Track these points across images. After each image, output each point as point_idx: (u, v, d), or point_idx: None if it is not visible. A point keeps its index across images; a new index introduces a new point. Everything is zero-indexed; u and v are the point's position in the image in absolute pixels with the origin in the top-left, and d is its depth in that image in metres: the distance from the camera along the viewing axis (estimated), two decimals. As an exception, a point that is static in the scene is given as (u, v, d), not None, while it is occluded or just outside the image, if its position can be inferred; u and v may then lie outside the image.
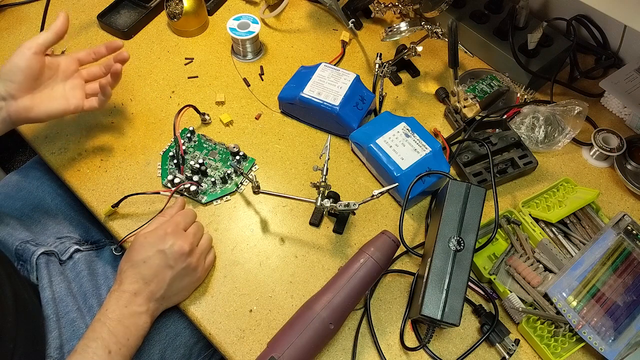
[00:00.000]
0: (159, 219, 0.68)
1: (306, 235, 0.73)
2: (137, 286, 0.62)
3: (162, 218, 0.68)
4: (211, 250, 0.70)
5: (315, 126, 0.84)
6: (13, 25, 0.96)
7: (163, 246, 0.63)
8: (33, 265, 0.73)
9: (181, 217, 0.68)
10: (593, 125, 0.84)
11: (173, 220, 0.67)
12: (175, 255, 0.63)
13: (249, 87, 0.89)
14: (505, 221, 0.72)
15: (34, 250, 0.74)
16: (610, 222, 0.70)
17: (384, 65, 0.83)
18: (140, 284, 0.62)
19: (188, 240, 0.65)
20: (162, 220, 0.67)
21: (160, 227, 0.65)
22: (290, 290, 0.69)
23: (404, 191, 0.70)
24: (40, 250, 0.74)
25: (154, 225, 0.67)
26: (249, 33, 0.87)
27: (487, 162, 0.77)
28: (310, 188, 0.77)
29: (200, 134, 0.82)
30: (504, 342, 0.64)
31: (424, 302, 0.59)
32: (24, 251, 0.74)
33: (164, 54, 0.93)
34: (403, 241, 0.68)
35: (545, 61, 0.85)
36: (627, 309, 0.64)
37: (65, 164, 0.79)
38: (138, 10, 0.97)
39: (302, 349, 0.58)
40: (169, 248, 0.63)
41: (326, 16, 0.99)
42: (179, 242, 0.64)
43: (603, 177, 0.80)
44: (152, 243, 0.64)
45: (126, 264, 0.64)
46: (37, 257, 0.73)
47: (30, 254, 0.74)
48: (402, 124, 0.77)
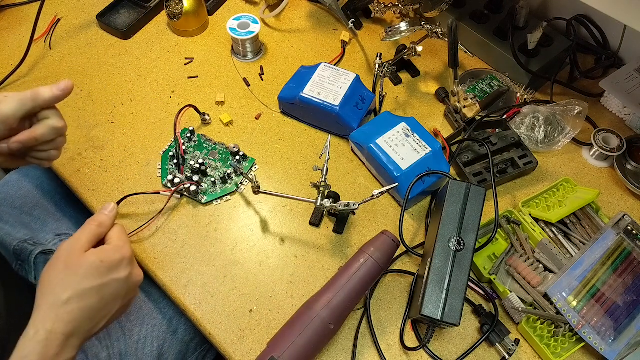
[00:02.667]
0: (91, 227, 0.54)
1: (306, 235, 0.73)
2: (75, 325, 0.48)
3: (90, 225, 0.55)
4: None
5: (315, 126, 0.84)
6: (13, 25, 0.96)
7: (121, 274, 0.52)
8: (31, 265, 0.73)
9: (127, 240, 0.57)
10: (593, 125, 0.84)
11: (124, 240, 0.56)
12: (133, 286, 0.55)
13: (249, 87, 0.89)
14: (505, 221, 0.72)
15: (32, 250, 0.74)
16: (610, 222, 0.70)
17: (384, 65, 0.83)
18: (82, 322, 0.49)
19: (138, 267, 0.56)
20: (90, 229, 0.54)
21: (113, 249, 0.54)
22: (290, 290, 0.69)
23: (404, 191, 0.70)
24: (38, 249, 0.74)
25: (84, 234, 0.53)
26: (249, 33, 0.87)
27: (487, 162, 0.77)
28: (310, 188, 0.77)
29: (200, 134, 0.82)
30: (504, 342, 0.64)
31: (424, 302, 0.59)
32: (22, 251, 0.74)
33: (164, 54, 0.93)
34: (403, 241, 0.68)
35: (545, 61, 0.85)
36: (627, 309, 0.64)
37: (65, 164, 0.79)
38: (138, 10, 0.97)
39: (302, 349, 0.58)
40: (129, 277, 0.53)
41: (326, 16, 0.99)
42: (137, 270, 0.55)
43: (603, 177, 0.80)
44: (109, 268, 0.51)
45: (66, 290, 0.48)
46: (35, 256, 0.73)
47: (28, 254, 0.74)
48: (402, 124, 0.77)
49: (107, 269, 0.51)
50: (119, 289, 0.52)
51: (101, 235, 0.55)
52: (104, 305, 0.51)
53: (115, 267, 0.52)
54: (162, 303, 0.74)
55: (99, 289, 0.50)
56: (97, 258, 0.51)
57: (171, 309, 0.74)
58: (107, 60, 0.92)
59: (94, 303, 0.50)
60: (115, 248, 0.54)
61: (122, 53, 0.93)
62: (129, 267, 0.54)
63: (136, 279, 0.55)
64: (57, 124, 0.59)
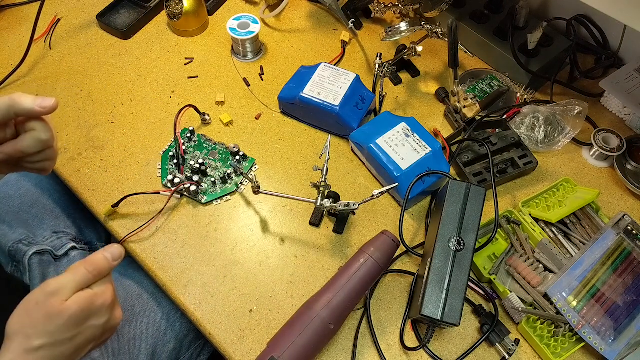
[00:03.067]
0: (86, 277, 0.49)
1: (306, 235, 0.73)
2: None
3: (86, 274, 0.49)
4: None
5: (315, 126, 0.84)
6: (13, 25, 0.96)
7: (100, 320, 0.50)
8: (26, 266, 0.73)
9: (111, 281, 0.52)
10: (593, 125, 0.84)
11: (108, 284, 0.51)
12: (111, 328, 0.52)
13: (249, 87, 0.89)
14: (505, 221, 0.72)
15: (26, 251, 0.73)
16: (610, 222, 0.70)
17: (384, 65, 0.83)
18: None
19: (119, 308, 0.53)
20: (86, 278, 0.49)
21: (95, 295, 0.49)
22: (290, 290, 0.69)
23: (404, 191, 0.70)
24: (32, 250, 0.74)
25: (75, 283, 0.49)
26: (249, 33, 0.87)
27: (487, 162, 0.77)
28: (310, 188, 0.77)
29: (200, 134, 0.82)
30: (504, 342, 0.64)
31: (424, 302, 0.59)
32: (16, 252, 0.74)
33: (164, 54, 0.93)
34: (403, 241, 0.68)
35: (545, 61, 0.85)
36: (627, 309, 0.64)
37: (65, 164, 0.79)
38: (138, 10, 0.97)
39: (302, 349, 0.58)
40: (106, 323, 0.50)
41: (326, 16, 0.99)
42: (117, 313, 0.52)
43: (603, 177, 0.80)
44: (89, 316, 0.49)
45: (39, 337, 0.45)
46: (29, 257, 0.73)
47: (22, 255, 0.73)
48: (402, 124, 0.77)
49: (86, 317, 0.48)
50: (95, 333, 0.50)
51: (91, 284, 0.50)
52: (76, 350, 0.49)
53: (94, 314, 0.49)
54: (159, 296, 0.74)
55: (74, 337, 0.48)
56: (78, 308, 0.47)
57: (168, 302, 0.74)
58: (107, 60, 0.92)
59: (66, 350, 0.47)
60: (97, 295, 0.49)
61: (122, 53, 0.93)
62: (109, 312, 0.51)
63: (114, 323, 0.52)
64: (43, 137, 0.55)
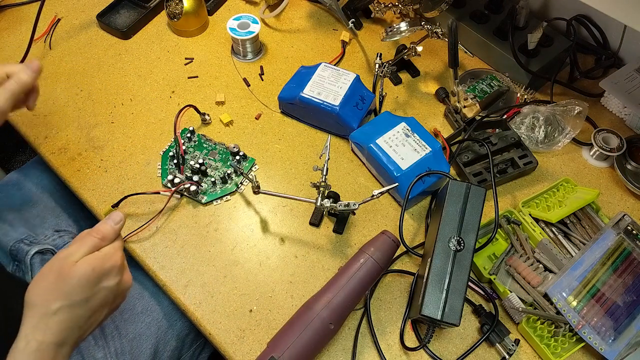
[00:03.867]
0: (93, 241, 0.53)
1: (306, 235, 0.73)
2: (65, 334, 0.48)
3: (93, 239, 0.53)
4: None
5: (315, 126, 0.84)
6: (13, 25, 0.96)
7: (111, 282, 0.52)
8: (28, 265, 0.73)
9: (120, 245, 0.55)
10: (593, 125, 0.84)
11: (116, 247, 0.54)
12: (122, 292, 0.54)
13: (249, 87, 0.89)
14: (505, 221, 0.72)
15: (28, 250, 0.73)
16: (610, 222, 0.70)
17: (384, 65, 0.83)
18: (72, 331, 0.49)
19: (129, 272, 0.56)
20: (93, 242, 0.53)
21: (104, 256, 0.52)
22: (290, 290, 0.69)
23: (404, 191, 0.70)
24: (34, 249, 0.74)
25: (85, 247, 0.52)
26: (249, 33, 0.87)
27: (487, 162, 0.77)
28: (310, 188, 0.77)
29: (200, 134, 0.82)
30: (504, 342, 0.64)
31: (424, 302, 0.59)
32: (18, 251, 0.74)
33: (164, 54, 0.93)
34: (403, 241, 0.68)
35: (545, 61, 0.85)
36: (627, 309, 0.64)
37: (65, 164, 0.79)
38: (138, 10, 0.97)
39: (302, 349, 0.58)
40: (118, 284, 0.53)
41: (326, 16, 0.99)
42: (127, 276, 0.54)
43: (603, 177, 0.80)
44: (100, 277, 0.51)
45: (56, 300, 0.48)
46: (31, 256, 0.73)
47: (24, 254, 0.73)
48: (402, 124, 0.77)
49: (97, 278, 0.50)
50: (108, 296, 0.52)
51: (100, 248, 0.53)
52: (92, 314, 0.51)
53: (105, 275, 0.51)
54: (160, 296, 0.74)
55: (88, 300, 0.50)
56: (89, 267, 0.50)
57: (168, 302, 0.74)
58: (107, 60, 0.92)
59: (82, 313, 0.49)
60: (106, 256, 0.52)
61: (122, 53, 0.93)
62: (119, 275, 0.53)
63: (125, 286, 0.54)
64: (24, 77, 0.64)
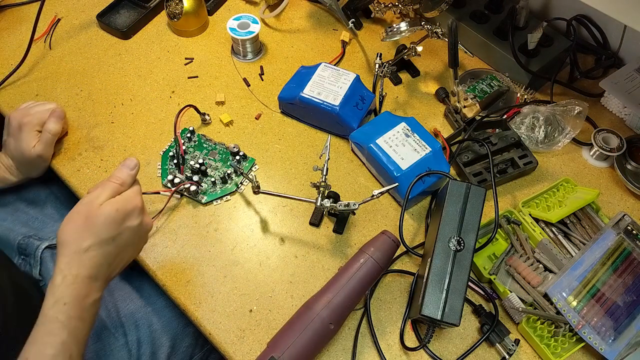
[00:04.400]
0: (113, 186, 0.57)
1: (306, 235, 0.73)
2: (97, 270, 0.54)
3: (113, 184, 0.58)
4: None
5: (315, 126, 0.84)
6: (13, 25, 0.96)
7: (134, 222, 0.57)
8: (37, 260, 0.73)
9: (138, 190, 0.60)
10: (593, 125, 0.84)
11: (136, 191, 0.59)
12: (144, 234, 0.60)
13: (249, 87, 0.89)
14: (505, 221, 0.72)
15: (38, 245, 0.74)
16: (610, 222, 0.70)
17: (384, 65, 0.83)
18: (103, 267, 0.55)
19: (148, 216, 0.61)
20: (113, 187, 0.57)
21: (126, 199, 0.57)
22: (290, 290, 0.69)
23: (404, 191, 0.70)
24: (44, 244, 0.74)
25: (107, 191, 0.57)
26: (249, 33, 0.87)
27: (487, 162, 0.77)
28: (310, 188, 0.77)
29: (200, 134, 0.82)
30: (504, 342, 0.64)
31: (424, 302, 0.59)
32: (27, 245, 0.74)
33: (164, 54, 0.93)
34: (403, 241, 0.68)
35: (545, 61, 0.85)
36: (627, 309, 0.64)
37: (65, 164, 0.79)
38: (138, 10, 0.97)
39: (302, 349, 0.58)
40: (140, 225, 0.58)
41: (326, 16, 0.99)
42: (147, 219, 0.60)
43: (603, 177, 0.80)
44: (124, 218, 0.56)
45: (87, 239, 0.53)
46: (41, 250, 0.73)
47: (34, 248, 0.74)
48: (402, 124, 0.77)
49: (121, 218, 0.55)
50: (132, 236, 0.57)
51: (120, 193, 0.58)
52: (119, 251, 0.56)
53: (128, 216, 0.56)
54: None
55: (115, 238, 0.55)
56: (112, 208, 0.55)
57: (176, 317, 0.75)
58: (107, 60, 0.92)
59: (111, 250, 0.55)
60: (127, 199, 0.57)
61: (122, 53, 0.93)
62: (140, 216, 0.58)
63: (147, 227, 0.60)
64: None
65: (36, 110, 0.77)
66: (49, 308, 0.51)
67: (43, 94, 0.86)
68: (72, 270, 0.52)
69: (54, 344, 0.49)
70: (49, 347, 0.49)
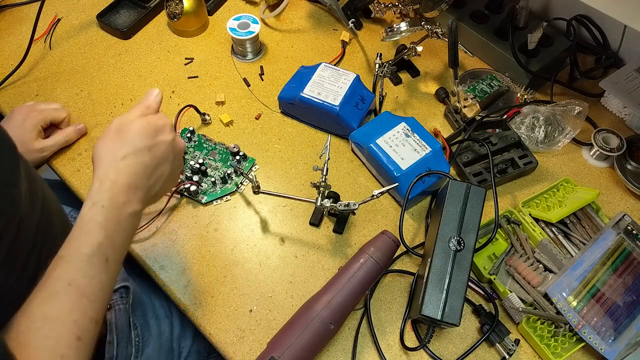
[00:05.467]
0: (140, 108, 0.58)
1: (306, 235, 0.73)
2: (135, 178, 0.53)
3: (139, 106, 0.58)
4: None
5: (315, 126, 0.84)
6: (13, 25, 0.96)
7: (167, 137, 0.56)
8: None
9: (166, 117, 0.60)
10: (593, 125, 0.84)
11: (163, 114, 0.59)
12: (179, 152, 0.59)
13: (249, 87, 0.89)
14: (505, 221, 0.72)
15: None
16: (610, 222, 0.70)
17: (384, 65, 0.83)
18: (141, 176, 0.53)
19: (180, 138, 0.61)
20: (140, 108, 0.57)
21: (155, 117, 0.57)
22: (290, 290, 0.69)
23: (404, 191, 0.70)
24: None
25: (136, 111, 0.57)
26: (249, 33, 0.87)
27: (487, 162, 0.77)
28: (310, 188, 0.77)
29: (201, 134, 0.82)
30: (504, 342, 0.64)
31: (424, 302, 0.59)
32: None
33: (164, 54, 0.93)
34: (403, 241, 0.68)
35: (545, 61, 0.85)
36: (627, 309, 0.64)
37: (65, 164, 0.79)
38: (138, 10, 0.97)
39: (302, 349, 0.58)
40: (173, 141, 0.57)
41: (326, 16, 0.99)
42: (179, 139, 0.59)
43: (603, 177, 0.80)
44: (156, 130, 0.55)
45: (122, 149, 0.53)
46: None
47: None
48: (402, 124, 0.77)
49: (154, 130, 0.55)
50: (167, 150, 0.56)
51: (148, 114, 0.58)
52: (156, 163, 0.55)
53: (160, 130, 0.56)
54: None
55: (150, 148, 0.54)
56: (144, 121, 0.55)
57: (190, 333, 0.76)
58: (107, 60, 0.92)
59: (147, 160, 0.54)
60: (157, 117, 0.57)
61: (122, 53, 0.93)
62: (173, 133, 0.58)
63: (180, 145, 0.59)
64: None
65: (43, 107, 0.77)
66: (86, 211, 0.49)
67: (43, 94, 0.86)
68: (110, 176, 0.51)
69: (90, 244, 0.48)
70: (84, 246, 0.48)
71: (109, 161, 0.52)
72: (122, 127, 0.54)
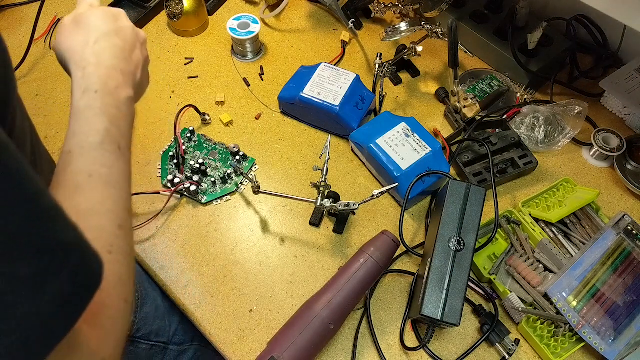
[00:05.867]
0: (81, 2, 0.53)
1: (306, 235, 0.73)
2: (116, 60, 0.48)
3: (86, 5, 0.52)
4: None
5: (315, 126, 0.84)
6: (13, 25, 0.96)
7: (128, 23, 0.52)
8: None
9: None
10: (593, 125, 0.84)
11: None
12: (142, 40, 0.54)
13: (249, 87, 0.89)
14: (505, 221, 0.72)
15: None
16: (610, 222, 0.70)
17: (384, 65, 0.83)
18: (120, 59, 0.49)
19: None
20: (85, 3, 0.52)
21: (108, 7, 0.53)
22: (290, 290, 0.69)
23: (404, 191, 0.70)
24: None
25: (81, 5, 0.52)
26: (249, 33, 0.87)
27: (487, 162, 0.77)
28: (310, 188, 0.77)
29: (200, 134, 0.82)
30: (504, 342, 0.64)
31: (424, 302, 0.59)
32: None
33: (164, 54, 0.93)
34: (403, 241, 0.68)
35: (545, 61, 0.85)
36: (627, 309, 0.64)
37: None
38: (138, 10, 0.97)
39: (302, 349, 0.58)
40: (134, 29, 0.52)
41: (326, 16, 0.99)
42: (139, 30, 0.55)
43: (603, 177, 0.80)
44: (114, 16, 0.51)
45: (90, 35, 0.48)
46: None
47: None
48: (402, 124, 0.77)
49: (112, 15, 0.51)
50: (132, 35, 0.52)
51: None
52: (130, 47, 0.51)
53: (117, 16, 0.51)
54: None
55: (117, 32, 0.50)
56: (100, 9, 0.51)
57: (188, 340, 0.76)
58: (107, 60, 0.91)
59: (119, 42, 0.49)
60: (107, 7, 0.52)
61: (122, 53, 0.92)
62: (130, 21, 0.53)
63: (142, 34, 0.54)
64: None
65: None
66: (78, 99, 0.44)
67: (43, 94, 0.86)
68: (90, 60, 0.46)
69: (96, 132, 0.43)
70: (91, 135, 0.42)
71: (81, 48, 0.47)
72: (79, 18, 0.50)
